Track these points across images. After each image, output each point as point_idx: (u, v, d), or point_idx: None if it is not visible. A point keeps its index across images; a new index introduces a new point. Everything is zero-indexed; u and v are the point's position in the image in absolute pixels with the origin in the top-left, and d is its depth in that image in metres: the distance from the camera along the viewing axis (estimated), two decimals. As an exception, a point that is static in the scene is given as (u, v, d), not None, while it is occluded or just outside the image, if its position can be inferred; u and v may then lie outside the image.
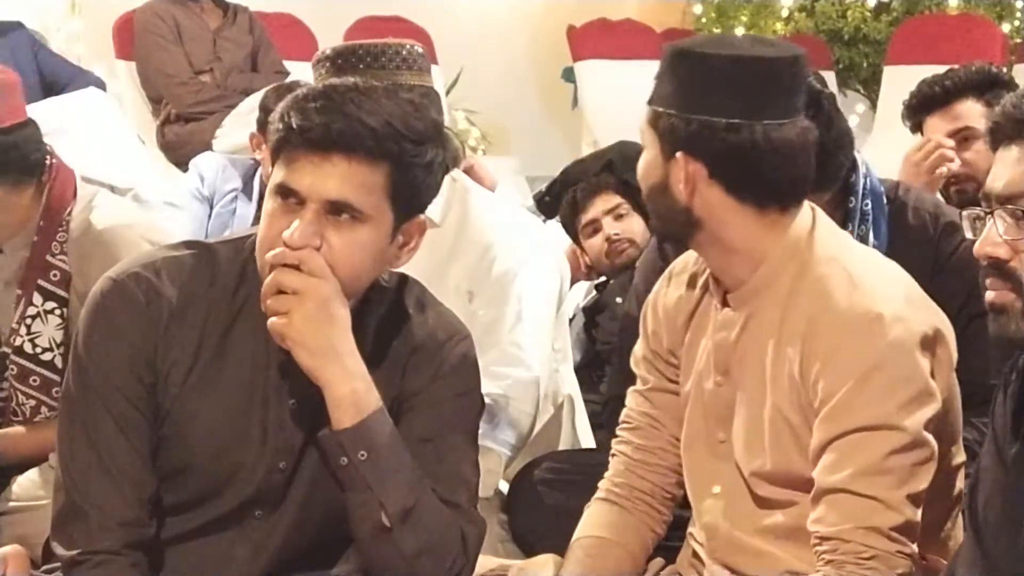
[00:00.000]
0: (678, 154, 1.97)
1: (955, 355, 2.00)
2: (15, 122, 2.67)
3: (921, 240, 2.64)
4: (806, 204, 2.04)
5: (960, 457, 2.09)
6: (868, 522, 1.87)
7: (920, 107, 3.38)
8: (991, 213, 1.70)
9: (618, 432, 2.24)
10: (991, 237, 1.69)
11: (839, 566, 1.88)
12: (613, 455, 2.23)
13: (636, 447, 2.20)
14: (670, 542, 2.23)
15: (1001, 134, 1.70)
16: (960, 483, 2.09)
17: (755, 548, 2.03)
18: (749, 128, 1.94)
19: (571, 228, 4.11)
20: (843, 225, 2.49)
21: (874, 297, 1.93)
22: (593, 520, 2.18)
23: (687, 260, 2.18)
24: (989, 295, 1.71)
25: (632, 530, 2.17)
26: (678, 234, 2.05)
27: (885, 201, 2.68)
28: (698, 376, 2.10)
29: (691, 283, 2.14)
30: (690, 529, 2.18)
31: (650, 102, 2.03)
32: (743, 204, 1.98)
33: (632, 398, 2.23)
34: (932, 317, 1.97)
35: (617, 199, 4.00)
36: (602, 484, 2.22)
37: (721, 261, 2.04)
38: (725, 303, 2.06)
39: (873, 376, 1.89)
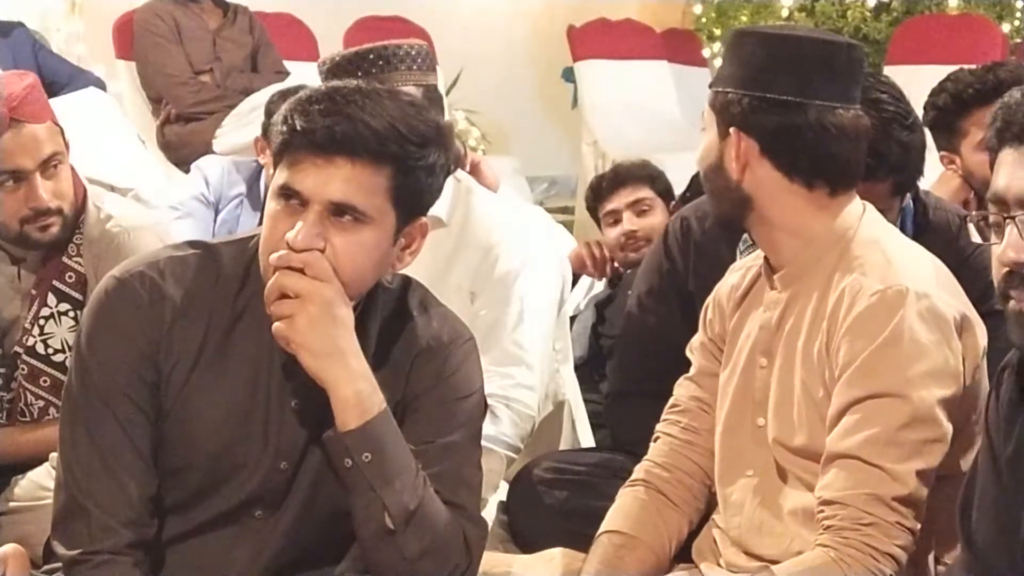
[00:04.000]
0: (731, 130, 2.03)
1: (983, 346, 2.01)
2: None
3: (944, 238, 2.66)
4: (858, 199, 2.09)
5: None
6: (872, 489, 1.89)
7: (976, 99, 3.23)
8: (1011, 218, 1.64)
9: (665, 416, 2.27)
10: (1015, 242, 1.64)
11: (837, 532, 1.90)
12: (656, 438, 2.25)
13: (683, 427, 2.23)
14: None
15: (1010, 132, 1.65)
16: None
17: (776, 529, 2.05)
18: (801, 107, 2.00)
19: (594, 214, 4.14)
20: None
21: (905, 275, 1.97)
22: (624, 512, 2.19)
23: (749, 258, 2.23)
24: (1012, 305, 1.66)
25: (663, 524, 2.18)
26: (732, 214, 2.09)
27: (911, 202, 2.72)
28: (740, 360, 2.13)
29: (745, 272, 2.20)
30: (713, 516, 2.19)
31: (711, 85, 2.08)
32: (792, 182, 2.03)
33: (681, 385, 2.27)
34: (962, 306, 2.00)
35: (644, 192, 4.01)
36: (640, 467, 2.24)
37: (770, 241, 2.08)
38: (773, 286, 2.10)
39: (893, 344, 1.92)
